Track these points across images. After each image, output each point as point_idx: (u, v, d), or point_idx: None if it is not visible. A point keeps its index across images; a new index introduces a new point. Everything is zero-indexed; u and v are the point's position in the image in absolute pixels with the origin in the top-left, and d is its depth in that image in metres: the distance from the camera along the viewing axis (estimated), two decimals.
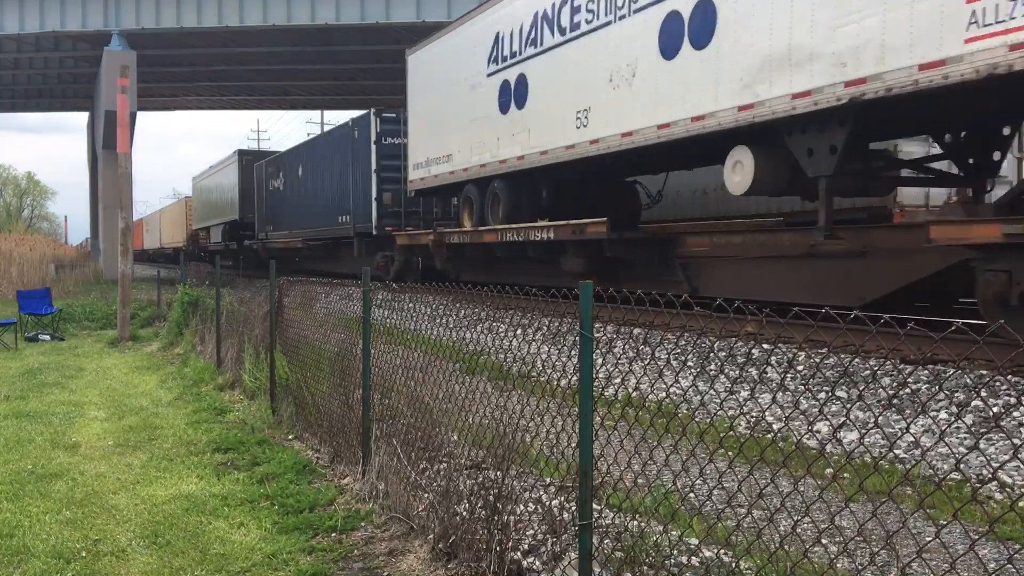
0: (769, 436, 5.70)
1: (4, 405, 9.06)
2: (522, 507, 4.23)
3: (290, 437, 7.28)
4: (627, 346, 8.74)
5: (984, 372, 6.60)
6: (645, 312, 3.22)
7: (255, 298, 10.45)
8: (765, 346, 8.00)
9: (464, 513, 4.24)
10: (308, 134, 35.59)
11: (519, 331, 10.02)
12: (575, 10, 12.45)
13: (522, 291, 4.15)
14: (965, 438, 5.56)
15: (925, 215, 11.35)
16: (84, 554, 4.66)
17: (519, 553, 3.90)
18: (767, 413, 6.32)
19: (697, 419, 6.10)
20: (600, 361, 7.51)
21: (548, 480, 4.64)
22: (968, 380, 6.49)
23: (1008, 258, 6.92)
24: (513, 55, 14.18)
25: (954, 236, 7.38)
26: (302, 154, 27.17)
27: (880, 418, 6.08)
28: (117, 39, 29.41)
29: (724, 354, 7.57)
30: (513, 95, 14.22)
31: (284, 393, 7.94)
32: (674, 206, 15.99)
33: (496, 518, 3.97)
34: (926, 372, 6.86)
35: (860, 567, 3.66)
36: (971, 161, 9.67)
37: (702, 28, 9.85)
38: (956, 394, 6.35)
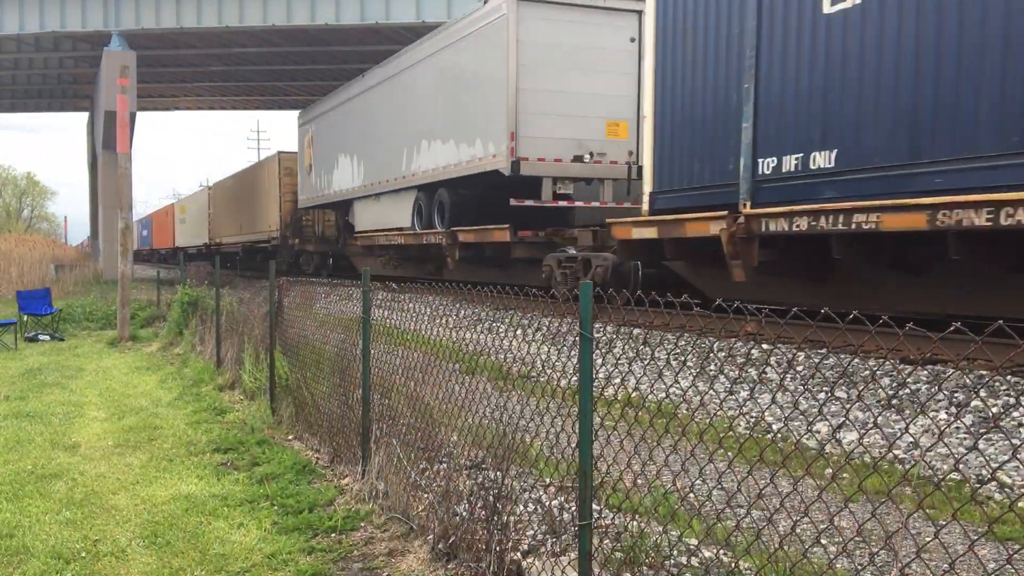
0: (768, 436, 5.70)
1: (4, 405, 9.05)
2: (522, 507, 4.24)
3: (290, 437, 7.28)
4: (627, 346, 8.74)
5: (984, 372, 6.61)
6: (645, 312, 3.22)
7: (255, 298, 10.45)
8: (765, 346, 8.00)
9: (464, 513, 4.24)
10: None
11: (519, 331, 10.02)
12: None
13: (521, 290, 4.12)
14: (964, 438, 5.56)
15: None
16: (84, 554, 4.66)
17: (519, 553, 3.90)
18: (767, 413, 6.32)
19: (697, 419, 6.10)
20: (600, 361, 7.51)
21: (548, 480, 4.65)
22: (968, 380, 6.49)
23: None
24: None
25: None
26: None
27: (879, 418, 6.08)
28: (117, 39, 29.39)
29: (724, 354, 7.57)
30: None
31: (284, 393, 7.94)
32: None
33: (496, 518, 3.97)
34: (926, 372, 6.86)
35: (860, 567, 3.66)
36: None
37: None
38: (955, 394, 6.35)
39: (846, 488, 4.82)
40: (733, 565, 3.56)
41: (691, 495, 4.37)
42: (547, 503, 4.35)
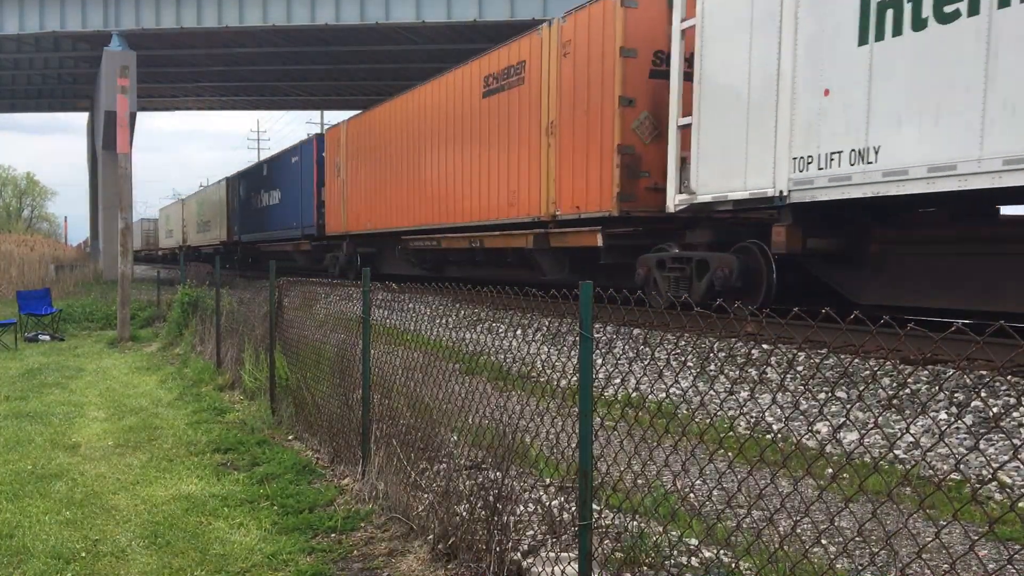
0: (769, 436, 5.70)
1: (4, 405, 9.05)
2: (522, 507, 4.23)
3: (290, 437, 7.28)
4: (627, 346, 8.74)
5: (984, 372, 6.60)
6: (645, 312, 3.22)
7: (255, 299, 10.45)
8: (765, 346, 7.99)
9: (464, 513, 4.24)
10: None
11: (519, 331, 10.02)
12: None
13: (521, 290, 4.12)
14: (965, 438, 5.56)
15: None
16: (84, 554, 4.66)
17: (519, 553, 3.90)
18: (767, 413, 6.32)
19: (697, 419, 6.10)
20: (600, 361, 7.51)
21: (548, 480, 4.65)
22: (968, 380, 6.48)
23: None
24: None
25: None
26: None
27: (880, 418, 6.08)
28: (117, 39, 29.38)
29: (724, 354, 7.57)
30: None
31: (284, 393, 7.94)
32: None
33: (496, 518, 3.97)
34: (926, 372, 6.85)
35: (860, 567, 3.66)
36: None
37: None
38: (956, 394, 6.35)
39: (846, 488, 4.82)
40: (733, 565, 3.56)
41: (691, 495, 4.37)
42: (547, 503, 4.35)
